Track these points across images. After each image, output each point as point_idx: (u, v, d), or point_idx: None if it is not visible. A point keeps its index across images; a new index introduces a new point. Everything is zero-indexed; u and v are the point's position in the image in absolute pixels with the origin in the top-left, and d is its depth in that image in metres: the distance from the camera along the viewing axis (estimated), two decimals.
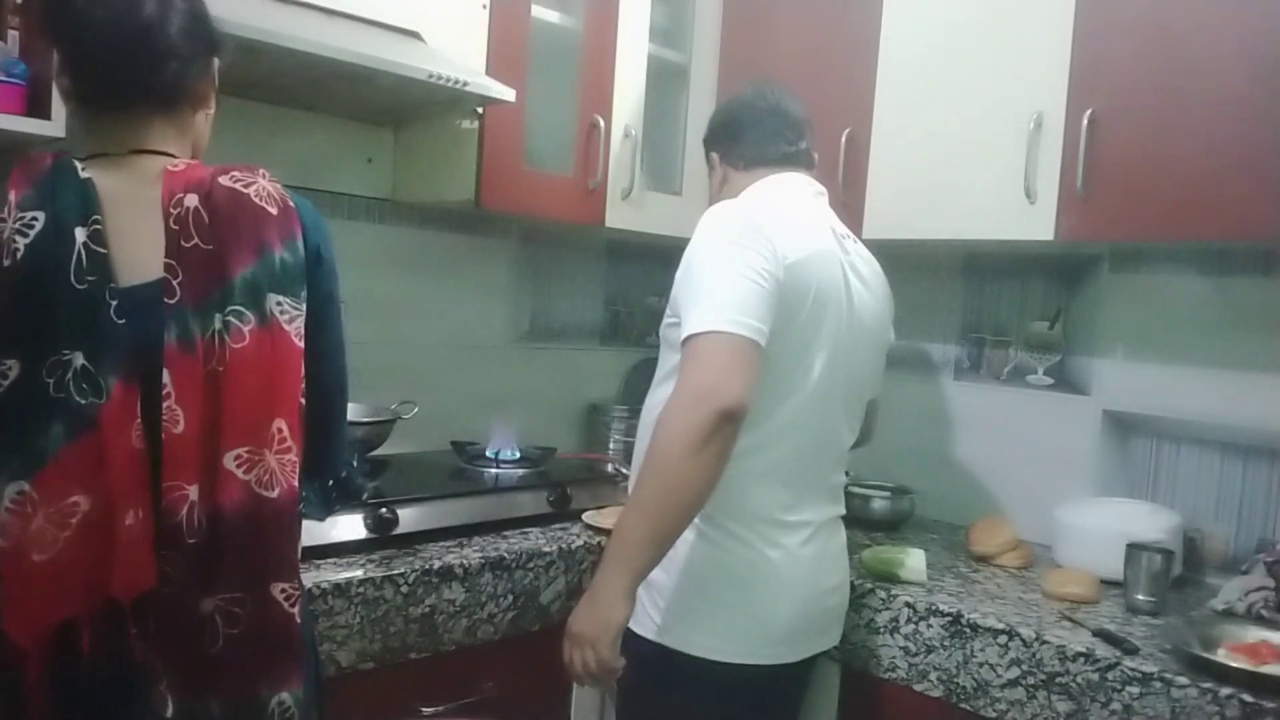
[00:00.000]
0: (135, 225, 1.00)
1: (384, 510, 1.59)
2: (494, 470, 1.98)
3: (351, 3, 1.71)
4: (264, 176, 1.05)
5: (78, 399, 0.94)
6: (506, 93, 1.79)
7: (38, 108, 1.37)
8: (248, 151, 1.89)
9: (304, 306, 1.03)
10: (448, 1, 1.85)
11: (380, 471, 1.85)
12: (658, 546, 1.28)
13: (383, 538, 1.58)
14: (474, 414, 2.19)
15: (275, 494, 0.99)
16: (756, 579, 1.41)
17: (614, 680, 1.33)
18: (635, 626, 1.40)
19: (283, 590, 1.01)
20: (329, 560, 1.48)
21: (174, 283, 0.98)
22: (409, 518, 1.62)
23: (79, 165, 1.00)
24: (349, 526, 1.55)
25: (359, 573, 1.45)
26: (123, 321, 0.96)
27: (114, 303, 0.96)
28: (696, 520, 1.36)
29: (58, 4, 1.04)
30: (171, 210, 0.99)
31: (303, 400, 1.02)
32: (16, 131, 1.36)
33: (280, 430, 1.00)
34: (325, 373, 1.09)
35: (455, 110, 1.93)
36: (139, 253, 0.99)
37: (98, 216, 0.97)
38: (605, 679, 1.33)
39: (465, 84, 1.69)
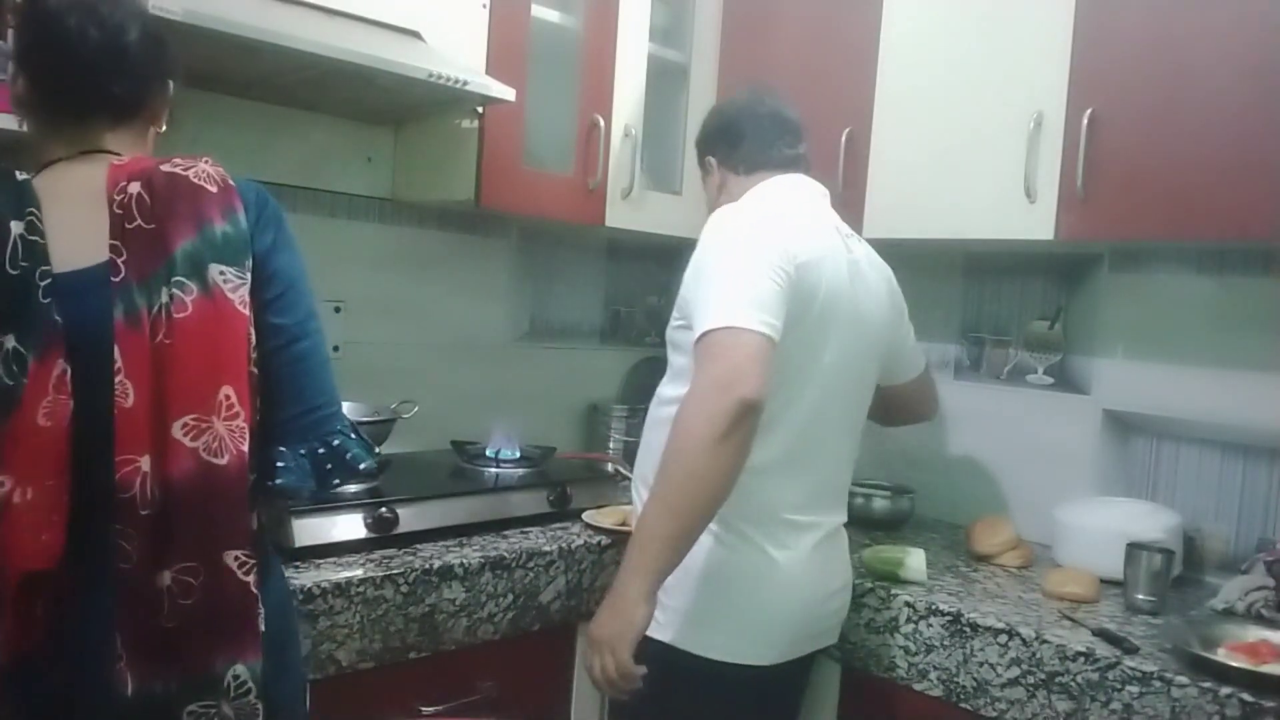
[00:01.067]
0: (78, 216, 1.04)
1: (384, 510, 1.59)
2: (494, 470, 1.98)
3: (351, 2, 1.71)
4: (206, 162, 1.08)
5: (6, 380, 0.97)
6: (506, 92, 1.79)
7: None
8: (248, 151, 1.91)
9: (248, 276, 1.05)
10: (448, 1, 1.85)
11: (380, 471, 1.85)
12: (680, 542, 1.26)
13: (383, 537, 1.58)
14: (474, 413, 2.19)
15: (224, 461, 1.00)
16: (764, 581, 1.42)
17: (633, 687, 1.28)
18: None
19: (236, 558, 1.01)
20: (329, 560, 1.48)
21: (119, 261, 1.02)
22: (409, 517, 1.62)
23: (18, 173, 1.06)
24: (349, 526, 1.55)
25: (359, 572, 1.45)
26: (48, 301, 0.99)
27: (43, 284, 1.00)
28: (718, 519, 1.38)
29: (46, 16, 1.09)
30: (115, 197, 1.03)
31: (254, 369, 1.04)
32: (16, 131, 1.36)
33: (228, 397, 1.01)
34: (294, 338, 1.10)
35: (455, 110, 1.94)
36: (82, 240, 1.03)
37: (33, 210, 1.02)
38: (625, 686, 1.28)
39: (465, 83, 1.69)
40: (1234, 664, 1.30)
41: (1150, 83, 1.63)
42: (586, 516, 1.85)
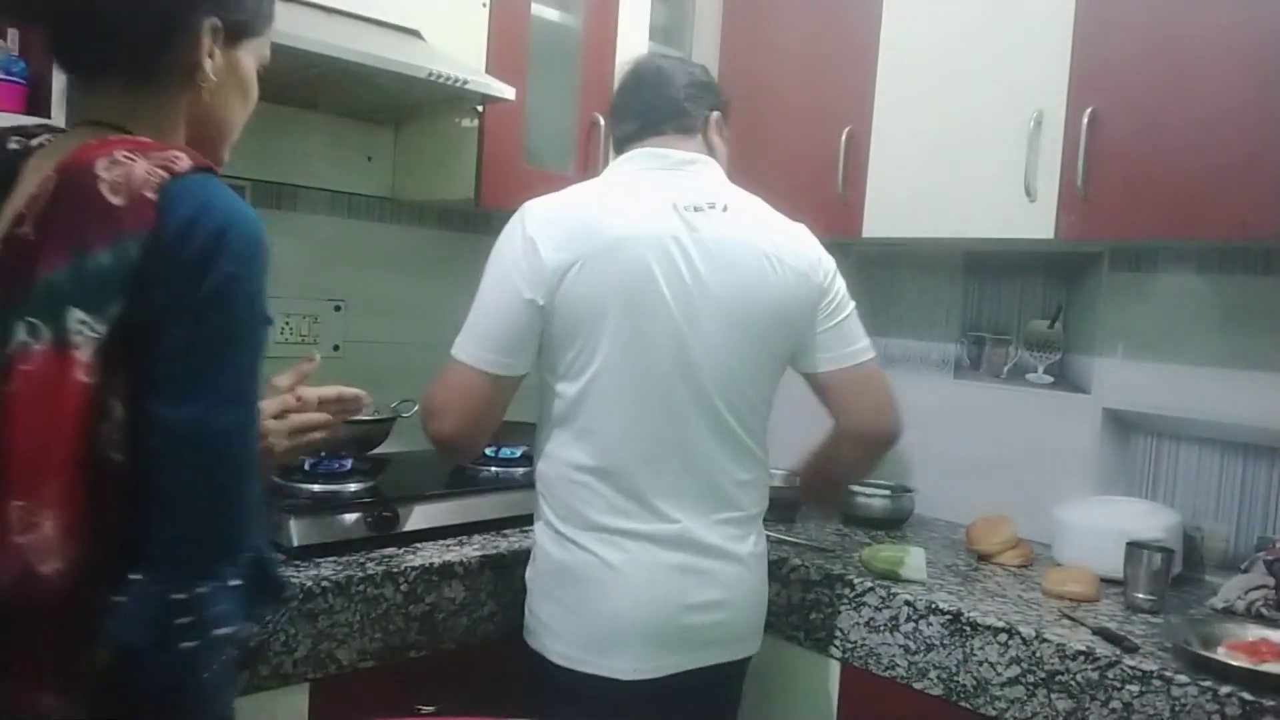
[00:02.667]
0: (12, 207, 0.86)
1: (384, 509, 1.59)
2: (494, 468, 1.98)
3: (351, 1, 1.71)
4: (163, 161, 0.83)
5: None
6: (506, 91, 1.79)
7: (37, 106, 1.37)
8: (247, 150, 1.90)
9: (105, 329, 0.79)
10: (448, 0, 1.85)
11: (380, 470, 1.85)
12: None
13: (383, 536, 1.58)
14: None
15: (47, 570, 0.77)
16: (594, 583, 1.36)
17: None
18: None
19: (56, 707, 0.79)
20: (329, 559, 1.48)
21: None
22: (409, 516, 1.63)
23: (13, 142, 0.91)
24: (349, 525, 1.55)
25: (359, 571, 1.45)
26: None
27: None
28: (548, 520, 1.41)
29: None
30: (36, 189, 0.84)
31: (114, 455, 0.79)
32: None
33: (63, 490, 0.78)
34: (179, 440, 0.80)
35: (455, 109, 1.93)
36: None
37: None
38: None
39: (465, 82, 1.69)
40: (1234, 663, 1.30)
41: (1151, 81, 1.62)
42: None
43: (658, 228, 1.35)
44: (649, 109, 1.47)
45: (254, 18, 0.98)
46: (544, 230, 1.35)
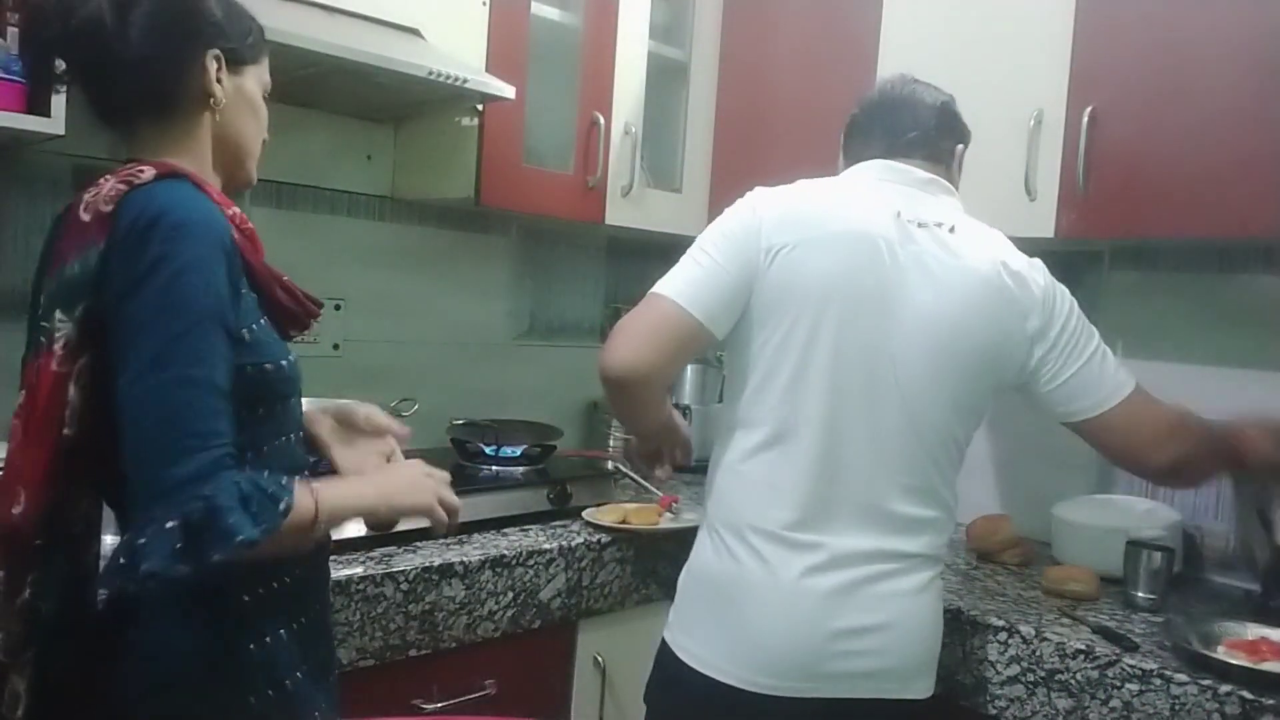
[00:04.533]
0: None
1: None
2: (494, 467, 1.98)
3: (352, 0, 1.71)
4: (127, 176, 0.98)
5: None
6: (506, 90, 1.79)
7: (38, 105, 1.37)
8: None
9: (70, 325, 0.95)
10: None
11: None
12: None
13: (383, 535, 1.58)
14: (474, 411, 2.19)
15: (12, 515, 0.96)
16: (739, 594, 1.31)
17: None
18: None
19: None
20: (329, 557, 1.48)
21: (39, 296, 1.01)
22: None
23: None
24: (349, 524, 1.55)
25: (359, 570, 1.45)
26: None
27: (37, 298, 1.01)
28: (709, 522, 1.38)
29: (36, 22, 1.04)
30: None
31: (66, 430, 0.95)
32: (16, 129, 1.36)
33: (30, 457, 0.96)
34: (123, 392, 0.93)
35: (455, 107, 1.93)
36: None
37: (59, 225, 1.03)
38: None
39: (465, 81, 1.69)
40: (1233, 661, 1.30)
41: (1151, 80, 1.62)
42: (586, 514, 1.85)
43: (873, 231, 1.31)
44: (899, 131, 1.41)
45: (248, 48, 1.12)
46: (769, 211, 1.33)
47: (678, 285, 1.32)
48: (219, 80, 1.07)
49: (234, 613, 1.01)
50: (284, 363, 1.06)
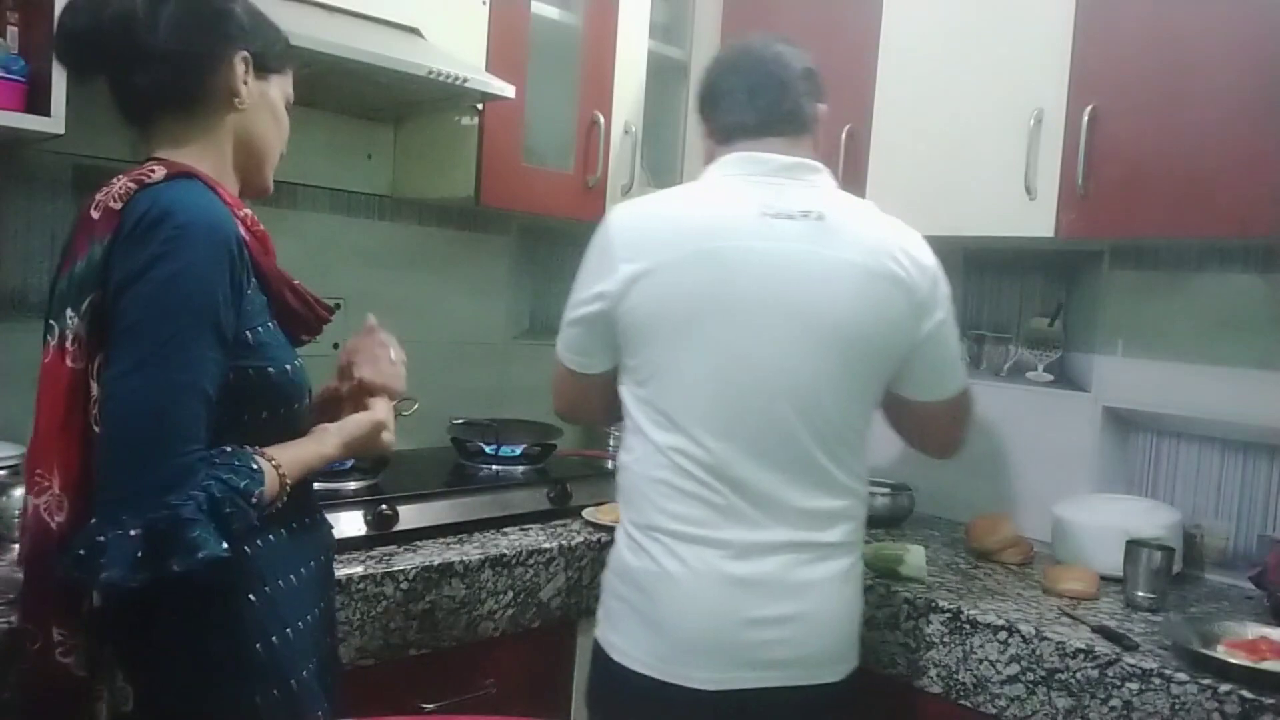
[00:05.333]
0: None
1: (384, 507, 1.59)
2: (494, 467, 1.98)
3: None
4: (139, 175, 0.99)
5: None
6: (506, 89, 1.79)
7: (38, 104, 1.37)
8: None
9: (79, 320, 0.97)
10: None
11: (380, 468, 1.85)
12: None
13: (383, 534, 1.58)
14: (474, 410, 2.19)
15: (54, 525, 0.96)
16: (654, 588, 1.32)
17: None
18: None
19: (59, 636, 0.98)
20: None
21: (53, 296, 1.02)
22: (409, 514, 1.63)
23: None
24: (349, 523, 1.55)
25: (359, 569, 1.45)
26: None
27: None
28: (622, 523, 1.39)
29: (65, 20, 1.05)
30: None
31: (97, 428, 0.95)
32: (16, 128, 1.36)
33: (61, 458, 0.97)
34: (105, 396, 0.95)
35: (455, 107, 1.93)
36: None
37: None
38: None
39: (465, 80, 1.69)
40: (1233, 661, 1.30)
41: (1151, 79, 1.62)
42: (586, 514, 1.85)
43: (736, 237, 1.29)
44: (767, 106, 1.37)
45: (276, 55, 1.13)
46: (621, 235, 1.34)
47: (559, 344, 1.45)
48: (245, 82, 1.08)
49: (241, 613, 1.01)
50: (287, 367, 1.06)
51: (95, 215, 0.97)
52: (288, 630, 1.06)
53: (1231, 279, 1.83)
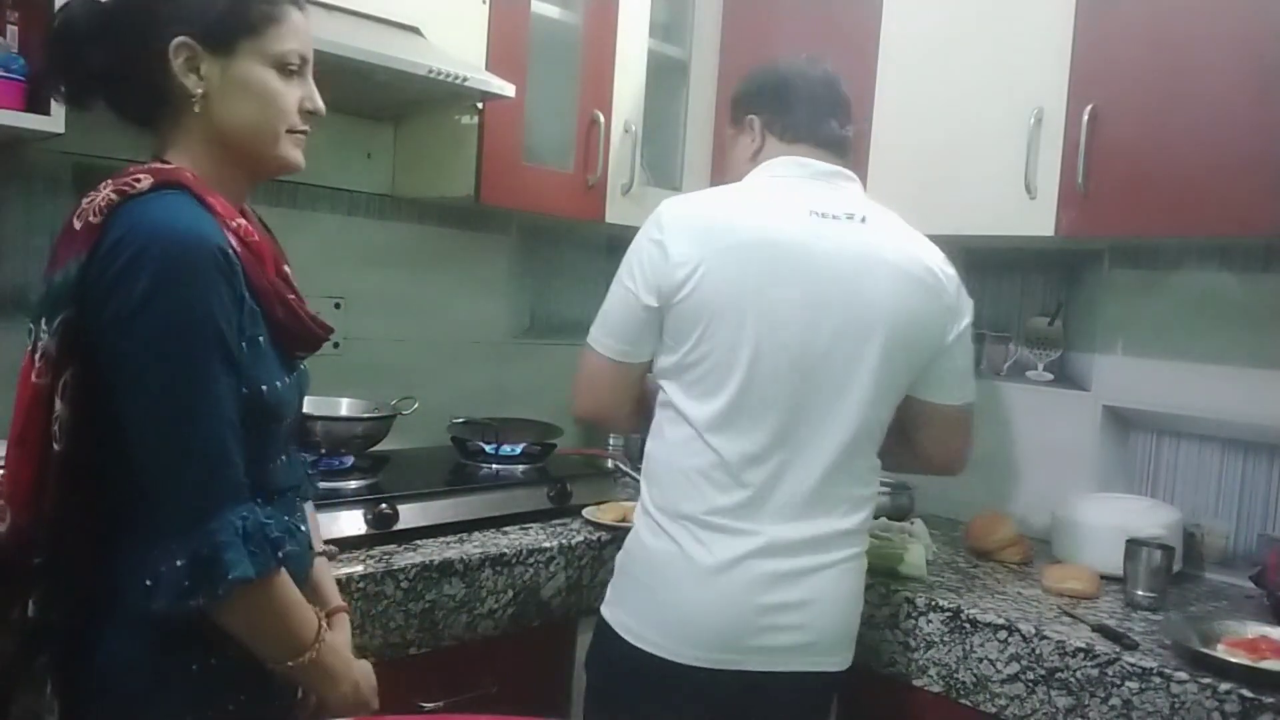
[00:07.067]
0: None
1: (384, 506, 1.59)
2: (494, 466, 1.98)
3: None
4: (124, 184, 0.95)
5: None
6: (506, 88, 1.78)
7: (37, 103, 1.37)
8: None
9: (50, 337, 0.94)
10: None
11: (380, 467, 1.86)
12: None
13: (383, 533, 1.58)
14: (475, 410, 2.19)
15: (3, 526, 0.96)
16: (672, 569, 1.35)
17: None
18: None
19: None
20: None
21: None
22: (409, 513, 1.63)
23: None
24: (349, 522, 1.55)
25: (359, 568, 1.45)
26: None
27: None
28: (645, 507, 1.41)
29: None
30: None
31: (56, 445, 0.94)
32: (16, 127, 1.36)
33: (13, 468, 0.96)
34: (135, 426, 0.94)
35: (455, 106, 1.93)
36: None
37: None
38: None
39: (465, 79, 1.69)
40: (1233, 660, 1.31)
41: (1151, 78, 1.62)
42: (586, 513, 1.85)
43: (785, 232, 1.34)
44: (835, 121, 1.47)
45: (233, 22, 1.00)
46: (674, 226, 1.36)
47: (598, 333, 1.44)
48: (196, 71, 0.99)
49: (182, 630, 0.97)
50: (263, 388, 1.01)
51: (77, 226, 0.94)
52: (229, 652, 1.01)
53: (1232, 278, 1.83)
